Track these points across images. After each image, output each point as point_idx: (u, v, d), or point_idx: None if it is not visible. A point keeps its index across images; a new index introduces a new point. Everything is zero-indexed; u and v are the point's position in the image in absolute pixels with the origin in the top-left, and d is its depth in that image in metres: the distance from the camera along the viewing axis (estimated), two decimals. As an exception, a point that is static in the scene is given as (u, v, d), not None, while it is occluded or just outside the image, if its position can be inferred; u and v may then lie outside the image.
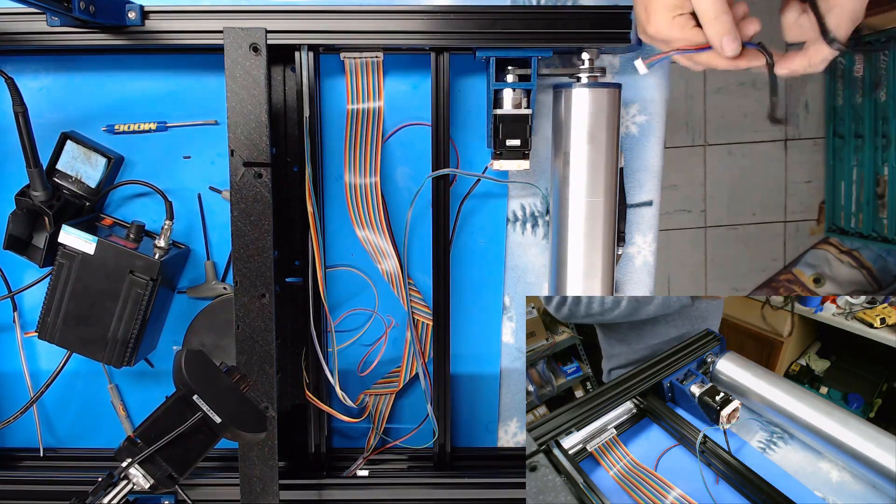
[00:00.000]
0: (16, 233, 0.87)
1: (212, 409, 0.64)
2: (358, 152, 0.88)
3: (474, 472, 0.92)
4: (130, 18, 0.80)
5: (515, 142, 0.84)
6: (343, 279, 0.95)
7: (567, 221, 0.84)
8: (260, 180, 0.78)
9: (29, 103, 0.81)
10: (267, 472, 0.81)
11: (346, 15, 0.81)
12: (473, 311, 0.96)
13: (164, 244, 0.85)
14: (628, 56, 0.91)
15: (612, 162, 0.83)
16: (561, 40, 0.82)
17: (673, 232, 2.23)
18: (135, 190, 0.92)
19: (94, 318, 0.85)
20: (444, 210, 0.89)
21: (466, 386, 0.97)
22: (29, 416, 0.95)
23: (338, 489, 0.90)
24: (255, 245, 0.79)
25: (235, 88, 0.79)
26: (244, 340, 0.81)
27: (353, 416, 0.94)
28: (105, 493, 0.61)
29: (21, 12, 0.80)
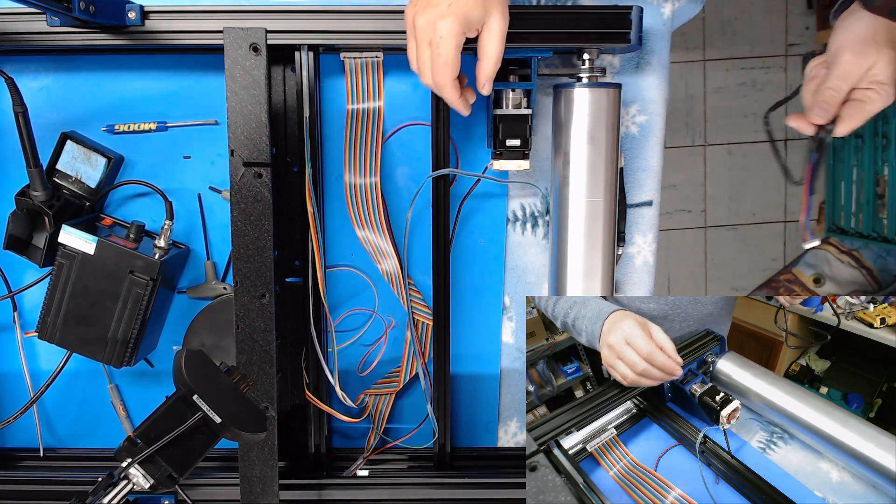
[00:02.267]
0: (16, 233, 0.87)
1: (212, 409, 0.64)
2: (358, 152, 0.88)
3: (474, 472, 0.92)
4: (130, 18, 0.80)
5: (515, 142, 0.84)
6: (343, 279, 0.95)
7: (567, 221, 0.84)
8: (260, 180, 0.78)
9: (29, 103, 0.81)
10: (267, 472, 0.81)
11: (346, 15, 0.81)
12: (473, 311, 0.96)
13: (164, 244, 0.85)
14: (628, 56, 0.91)
15: (612, 162, 0.83)
16: (561, 40, 0.82)
17: (673, 232, 2.23)
18: (135, 190, 0.92)
19: (94, 318, 0.85)
20: (444, 210, 0.89)
21: (466, 386, 0.97)
22: (29, 416, 0.95)
23: (338, 489, 0.90)
24: (255, 245, 0.79)
25: (235, 88, 0.79)
26: (244, 340, 0.81)
27: (353, 416, 0.94)
28: (105, 493, 0.61)
29: (21, 12, 0.80)
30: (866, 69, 0.74)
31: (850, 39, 0.74)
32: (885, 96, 0.74)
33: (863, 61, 0.73)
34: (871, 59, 0.73)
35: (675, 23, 0.92)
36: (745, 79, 2.16)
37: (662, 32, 0.91)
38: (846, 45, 0.74)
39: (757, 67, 2.16)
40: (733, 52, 2.14)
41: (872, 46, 0.73)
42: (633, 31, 0.81)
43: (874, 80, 0.74)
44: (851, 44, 0.74)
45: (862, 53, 0.73)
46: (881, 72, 0.74)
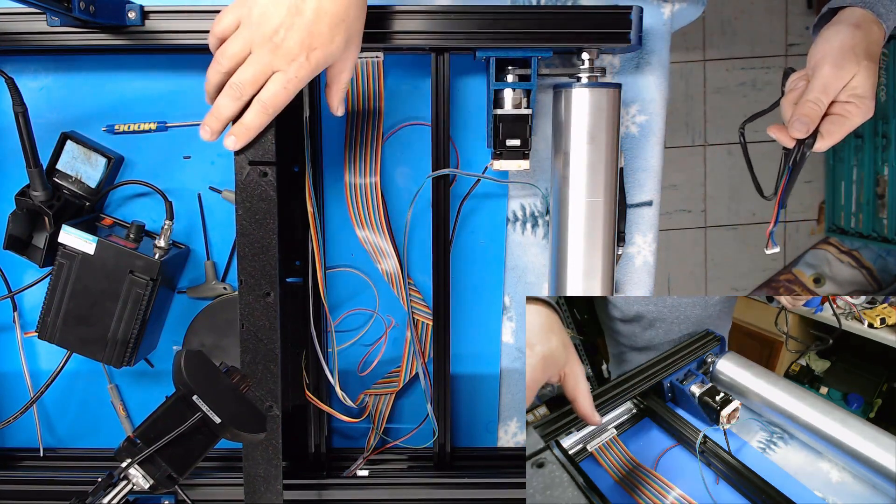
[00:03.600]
0: (16, 233, 0.87)
1: (211, 409, 0.64)
2: (358, 152, 0.88)
3: (474, 472, 0.92)
4: (130, 18, 0.80)
5: (515, 142, 0.84)
6: (343, 279, 0.95)
7: (567, 221, 0.84)
8: (265, 179, 0.78)
9: (29, 103, 0.81)
10: (271, 471, 0.81)
11: (346, 15, 0.81)
12: (473, 311, 0.96)
13: (164, 244, 0.85)
14: (628, 56, 0.91)
15: (612, 162, 0.83)
16: (561, 40, 0.82)
17: (673, 232, 2.23)
18: (135, 190, 0.92)
19: (94, 318, 0.85)
20: (444, 210, 0.89)
21: (466, 386, 0.97)
22: (29, 416, 0.95)
23: (338, 489, 0.90)
24: (260, 243, 0.79)
25: (235, 88, 0.79)
26: (248, 339, 0.81)
27: (353, 416, 0.94)
28: (105, 493, 0.61)
29: (21, 12, 0.80)
30: (846, 81, 0.73)
31: (829, 51, 0.74)
32: (865, 110, 0.74)
33: (842, 74, 0.73)
34: (851, 71, 0.73)
35: (675, 24, 0.92)
36: (745, 79, 2.16)
37: (662, 32, 0.91)
38: (826, 57, 0.74)
39: (757, 67, 2.16)
40: (733, 52, 2.14)
41: (852, 58, 0.73)
42: (633, 31, 0.81)
43: (854, 94, 0.74)
44: (831, 56, 0.74)
45: (841, 66, 0.73)
46: (860, 84, 0.73)
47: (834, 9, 0.78)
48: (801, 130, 0.75)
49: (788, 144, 0.77)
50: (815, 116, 0.74)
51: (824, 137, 0.75)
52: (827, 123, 0.75)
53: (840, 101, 0.75)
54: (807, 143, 0.76)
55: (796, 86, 0.77)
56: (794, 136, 0.76)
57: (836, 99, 0.74)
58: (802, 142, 0.76)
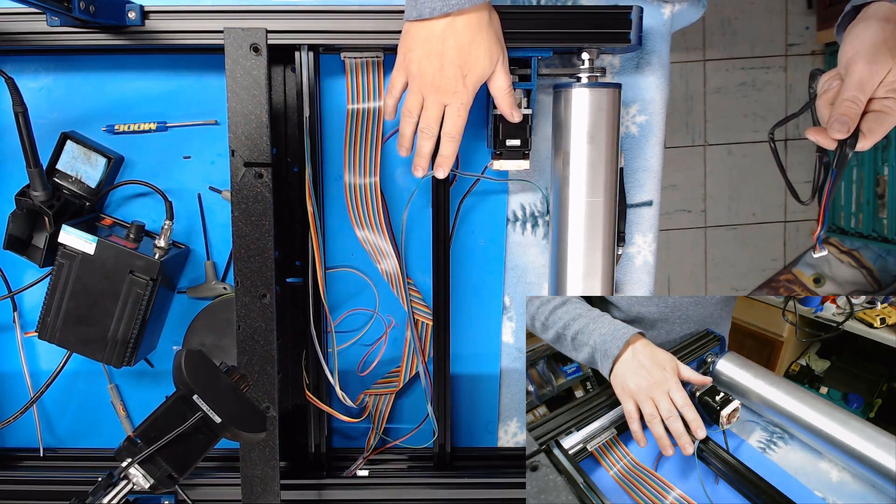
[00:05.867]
0: (16, 233, 0.87)
1: (212, 409, 0.64)
2: (358, 152, 0.88)
3: (474, 472, 0.92)
4: (130, 18, 0.80)
5: (515, 142, 0.84)
6: (343, 279, 0.95)
7: (567, 221, 0.84)
8: (260, 180, 0.78)
9: (29, 103, 0.81)
10: (268, 472, 0.81)
11: (346, 15, 0.81)
12: (473, 311, 0.96)
13: (164, 244, 0.85)
14: (628, 56, 0.91)
15: (612, 162, 0.83)
16: (561, 40, 0.82)
17: (673, 232, 2.23)
18: (135, 190, 0.92)
19: (94, 318, 0.85)
20: (443, 210, 0.89)
21: (466, 386, 0.97)
22: (29, 416, 0.95)
23: (338, 489, 0.90)
24: (256, 245, 0.79)
25: (236, 88, 0.79)
26: (245, 340, 0.81)
27: (353, 416, 0.94)
28: (105, 493, 0.61)
29: (21, 12, 0.80)
30: (882, 77, 0.71)
31: (860, 48, 0.72)
32: None
33: (878, 69, 0.71)
34: (886, 65, 0.71)
35: (675, 25, 0.92)
36: (745, 79, 2.16)
37: (662, 32, 0.91)
38: (858, 54, 0.72)
39: (757, 67, 2.16)
40: (733, 52, 2.14)
41: (885, 53, 0.71)
42: (633, 31, 0.81)
43: (892, 89, 0.71)
44: (864, 52, 0.71)
45: (875, 62, 0.71)
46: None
47: (857, 6, 0.77)
48: (841, 131, 0.72)
49: (829, 146, 0.74)
50: (855, 115, 0.72)
51: (866, 136, 0.73)
52: (867, 121, 0.72)
53: (878, 98, 0.72)
54: (848, 143, 0.73)
55: (830, 86, 0.75)
56: (834, 136, 0.73)
57: (873, 96, 0.72)
58: (844, 142, 0.73)
